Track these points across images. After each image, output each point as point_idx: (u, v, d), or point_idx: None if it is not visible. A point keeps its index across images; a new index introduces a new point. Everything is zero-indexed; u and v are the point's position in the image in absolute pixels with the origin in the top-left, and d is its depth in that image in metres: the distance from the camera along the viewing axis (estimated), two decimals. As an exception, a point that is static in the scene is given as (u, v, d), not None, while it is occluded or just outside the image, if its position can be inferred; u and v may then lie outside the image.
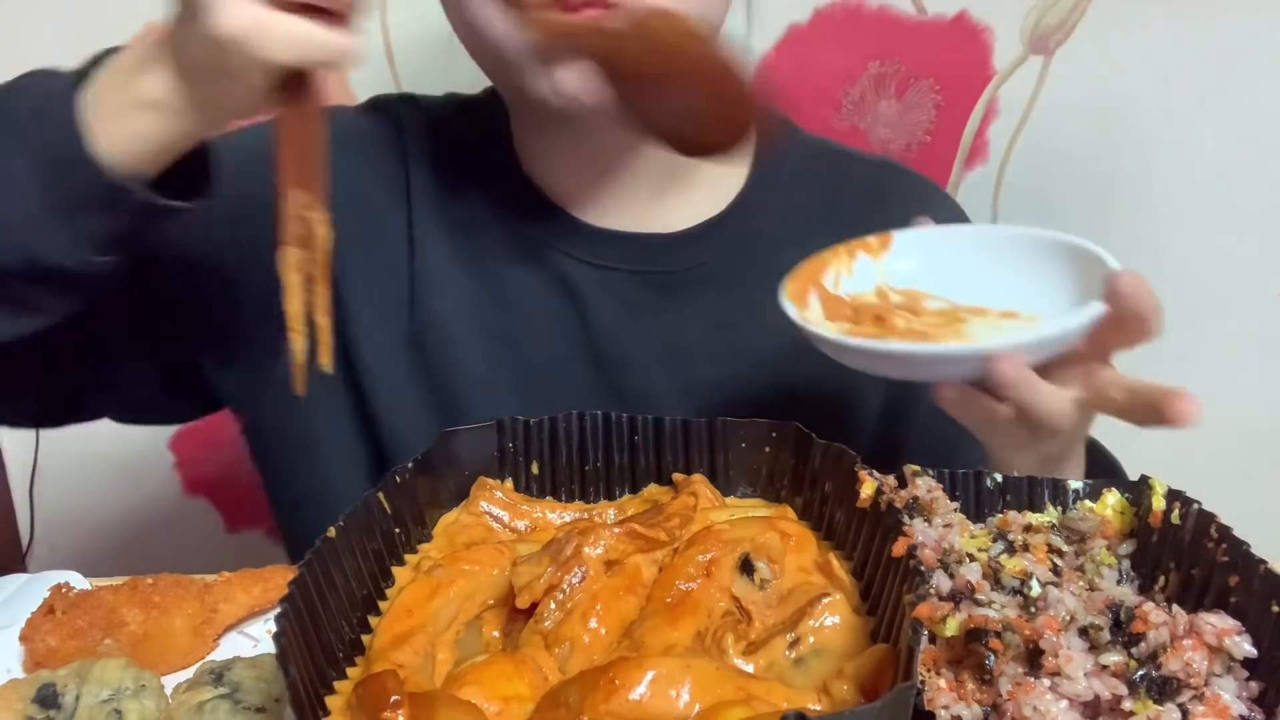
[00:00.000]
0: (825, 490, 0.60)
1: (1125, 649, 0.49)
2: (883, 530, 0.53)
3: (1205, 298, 1.27)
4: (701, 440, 0.64)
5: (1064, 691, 0.46)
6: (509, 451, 0.65)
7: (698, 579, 0.53)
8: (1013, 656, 0.48)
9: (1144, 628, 0.49)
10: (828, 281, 0.73)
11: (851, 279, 0.74)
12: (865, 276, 0.74)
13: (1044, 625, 0.48)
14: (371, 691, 0.45)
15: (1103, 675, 0.47)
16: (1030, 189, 1.33)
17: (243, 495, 1.44)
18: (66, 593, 0.68)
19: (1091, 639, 0.49)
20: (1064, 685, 0.46)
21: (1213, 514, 0.54)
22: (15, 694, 0.58)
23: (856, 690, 0.46)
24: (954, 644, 0.49)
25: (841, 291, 0.73)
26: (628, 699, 0.45)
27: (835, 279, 0.73)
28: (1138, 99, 1.26)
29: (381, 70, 1.24)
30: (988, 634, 0.48)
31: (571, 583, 0.52)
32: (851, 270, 0.74)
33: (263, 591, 0.70)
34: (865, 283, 0.74)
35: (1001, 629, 0.48)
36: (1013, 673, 0.47)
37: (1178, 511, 0.56)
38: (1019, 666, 0.48)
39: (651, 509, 0.60)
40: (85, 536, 1.45)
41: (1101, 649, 0.48)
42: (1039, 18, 1.26)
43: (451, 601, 0.55)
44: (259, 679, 0.60)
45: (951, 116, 1.31)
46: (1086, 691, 0.46)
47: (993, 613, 0.49)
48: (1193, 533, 0.54)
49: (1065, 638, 0.48)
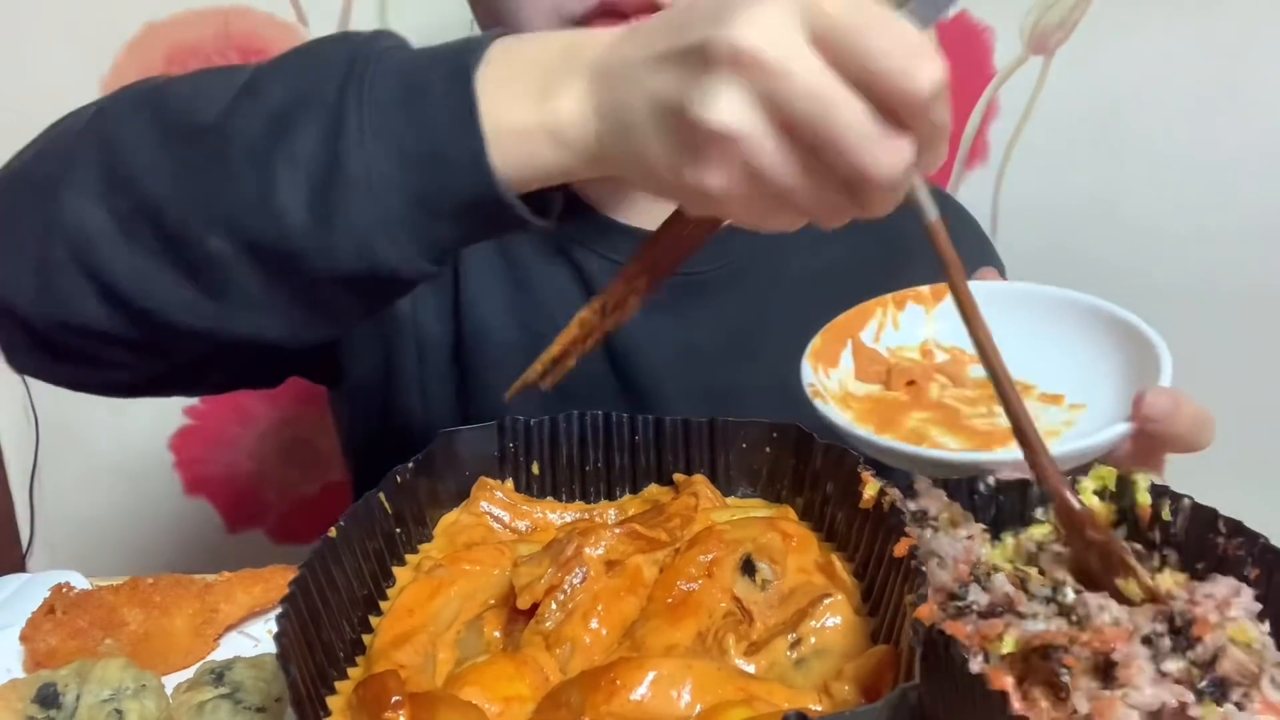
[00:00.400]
0: (827, 491, 0.60)
1: (1182, 653, 0.48)
2: (884, 531, 0.53)
3: (1205, 298, 1.27)
4: (702, 440, 0.64)
5: (1133, 702, 0.46)
6: (509, 451, 0.65)
7: (699, 579, 0.53)
8: (1082, 670, 0.47)
9: (1204, 631, 0.48)
10: (866, 335, 0.68)
11: (897, 332, 0.69)
12: (913, 329, 0.70)
13: (1113, 637, 0.47)
14: (372, 691, 0.45)
15: (1165, 683, 0.46)
16: (1030, 189, 1.33)
17: (243, 495, 1.44)
18: (67, 593, 0.68)
19: (1156, 647, 0.48)
20: (1132, 696, 0.46)
21: (1213, 509, 0.54)
22: (15, 694, 0.58)
23: (858, 690, 0.46)
24: (1013, 661, 0.48)
25: (882, 346, 0.69)
26: (629, 699, 0.45)
27: (877, 332, 0.69)
28: (1138, 99, 1.26)
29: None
30: (1060, 649, 0.47)
31: (572, 583, 0.52)
32: (898, 323, 0.70)
33: (263, 591, 0.70)
34: (912, 335, 0.69)
35: (1070, 643, 0.47)
36: (1087, 688, 0.47)
37: (1168, 507, 0.56)
38: (1091, 681, 0.47)
39: (652, 509, 0.60)
40: (85, 536, 1.45)
41: (1164, 656, 0.48)
42: (1039, 18, 1.26)
43: (452, 601, 0.55)
44: (259, 679, 0.60)
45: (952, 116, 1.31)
46: (1154, 700, 0.46)
47: (1042, 625, 0.49)
48: (1190, 528, 0.54)
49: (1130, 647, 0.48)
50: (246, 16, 1.21)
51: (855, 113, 0.46)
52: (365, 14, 1.23)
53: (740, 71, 0.46)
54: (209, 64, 1.21)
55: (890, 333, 0.70)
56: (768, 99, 0.46)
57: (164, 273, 0.59)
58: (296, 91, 0.56)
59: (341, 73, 0.55)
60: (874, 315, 0.70)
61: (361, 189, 0.54)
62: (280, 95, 0.56)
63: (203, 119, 0.58)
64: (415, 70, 0.55)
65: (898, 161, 0.47)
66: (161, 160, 0.58)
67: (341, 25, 1.23)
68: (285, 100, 0.56)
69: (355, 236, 0.55)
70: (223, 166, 0.56)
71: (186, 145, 0.58)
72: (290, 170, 0.55)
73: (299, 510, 1.46)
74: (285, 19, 1.21)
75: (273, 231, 0.56)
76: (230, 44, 1.21)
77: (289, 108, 0.56)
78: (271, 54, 0.60)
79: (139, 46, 1.21)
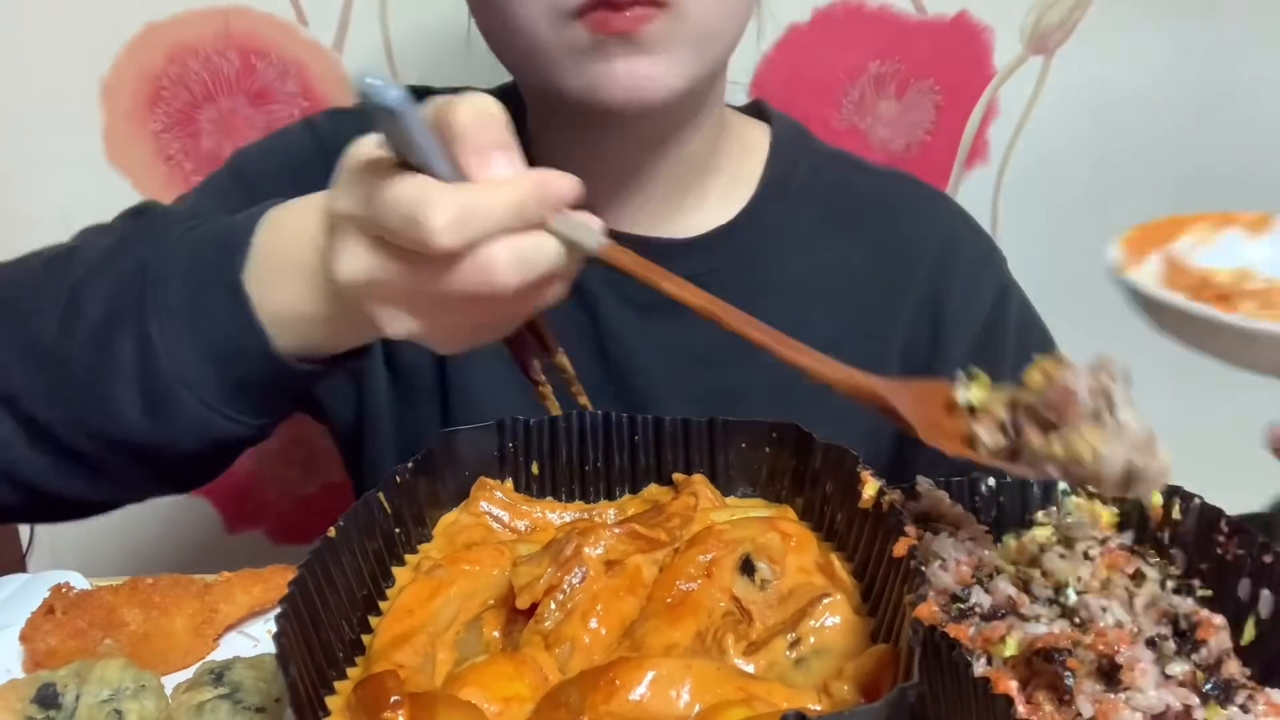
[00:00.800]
0: (826, 491, 0.60)
1: (1187, 656, 0.48)
2: (884, 531, 0.53)
3: (1205, 298, 1.27)
4: (701, 440, 0.64)
5: (1136, 705, 0.46)
6: (509, 451, 0.65)
7: (698, 579, 0.53)
8: (1085, 673, 0.47)
9: (1208, 634, 0.48)
10: (1180, 247, 0.65)
11: (1211, 250, 0.65)
12: (1228, 254, 0.65)
13: (1117, 639, 0.47)
14: (371, 691, 0.45)
15: (1170, 685, 0.46)
16: (1030, 189, 1.33)
17: (243, 495, 1.44)
18: (66, 593, 0.68)
19: (1161, 650, 0.48)
20: (1136, 699, 0.46)
21: (1219, 508, 0.54)
22: (15, 694, 0.58)
23: (857, 690, 0.46)
24: (1016, 664, 0.49)
25: (1196, 262, 0.64)
26: (628, 699, 0.45)
27: (1192, 246, 0.65)
28: (1138, 99, 1.26)
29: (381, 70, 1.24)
30: (1063, 652, 0.47)
31: (572, 583, 0.52)
32: (1214, 241, 0.66)
33: (263, 591, 0.70)
34: (1226, 260, 0.65)
35: (1073, 645, 0.47)
36: (1091, 690, 0.47)
37: (1178, 507, 0.55)
38: (1095, 684, 0.47)
39: (652, 509, 0.60)
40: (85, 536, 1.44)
41: (1168, 659, 0.48)
42: (1039, 18, 1.26)
43: (452, 602, 0.55)
44: (259, 679, 0.60)
45: (951, 116, 1.31)
46: (1158, 703, 0.46)
47: (1044, 628, 0.49)
48: (1196, 528, 0.54)
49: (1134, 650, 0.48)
50: (246, 16, 1.21)
51: None
52: (365, 14, 1.23)
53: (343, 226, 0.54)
54: (209, 64, 1.21)
55: (1204, 250, 0.65)
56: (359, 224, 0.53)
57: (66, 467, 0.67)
58: (109, 308, 0.64)
59: (138, 284, 0.63)
60: (1189, 229, 0.66)
61: (180, 387, 0.62)
62: (97, 312, 0.64)
63: (44, 337, 0.66)
64: (193, 271, 0.63)
65: None
66: (26, 378, 0.66)
67: (341, 25, 1.23)
68: (101, 318, 0.64)
69: (190, 425, 0.63)
70: (70, 383, 0.65)
71: (38, 364, 0.66)
72: (121, 383, 0.63)
73: (299, 510, 1.46)
74: (285, 19, 1.21)
75: (122, 434, 0.65)
76: (230, 44, 1.21)
77: (104, 327, 0.64)
78: (272, 54, 0.62)
79: (139, 46, 1.21)
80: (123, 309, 0.63)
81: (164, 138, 1.25)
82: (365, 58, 1.23)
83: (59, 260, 0.70)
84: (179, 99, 1.23)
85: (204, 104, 1.23)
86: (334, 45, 1.23)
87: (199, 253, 0.64)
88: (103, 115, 1.23)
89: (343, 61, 1.23)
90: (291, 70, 1.22)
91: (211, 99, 1.23)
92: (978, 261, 0.94)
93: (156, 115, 1.24)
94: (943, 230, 0.94)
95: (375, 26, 1.22)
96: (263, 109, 1.22)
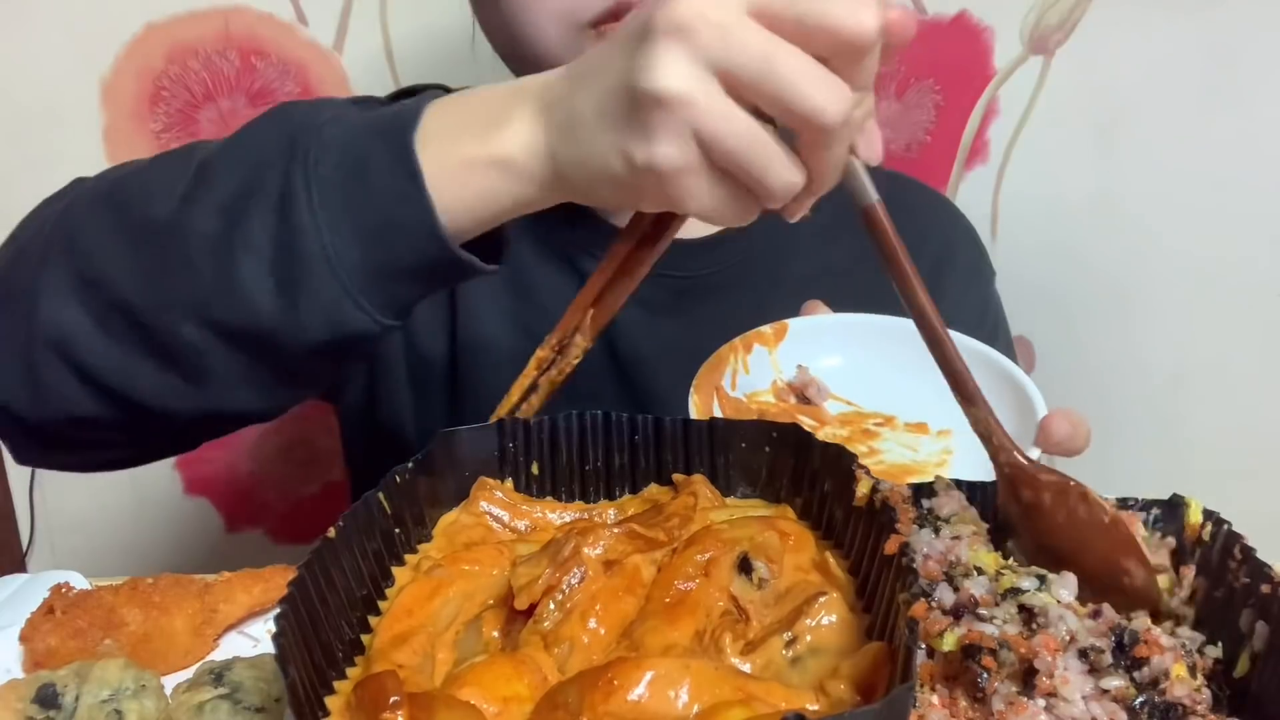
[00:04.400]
0: (825, 489, 0.60)
1: (1128, 673, 0.47)
2: (877, 528, 0.53)
3: (1204, 298, 1.27)
4: (701, 440, 0.64)
5: (1060, 714, 0.45)
6: (509, 451, 0.65)
7: (696, 579, 0.53)
8: (1007, 675, 0.47)
9: (1148, 652, 0.47)
10: (725, 383, 0.68)
11: (747, 376, 0.69)
12: (761, 372, 0.69)
13: (1041, 644, 0.47)
14: (371, 692, 0.45)
15: (1102, 699, 0.46)
16: (1030, 189, 1.33)
17: (243, 495, 1.44)
18: (66, 593, 0.68)
19: (1093, 661, 0.47)
20: (1060, 708, 0.45)
21: (1239, 534, 0.53)
22: (15, 694, 0.58)
23: (853, 689, 0.46)
24: (951, 659, 0.49)
25: (739, 392, 0.68)
26: (627, 699, 0.45)
27: (732, 378, 0.69)
28: (1138, 99, 1.26)
29: (381, 70, 1.24)
30: (982, 650, 0.47)
31: (570, 583, 0.52)
32: (747, 366, 0.70)
33: (263, 591, 0.70)
34: (761, 378, 0.69)
35: (998, 646, 0.47)
36: (1006, 692, 0.46)
37: (1209, 530, 0.55)
38: (1013, 686, 0.47)
39: (651, 509, 0.60)
40: (85, 536, 1.45)
41: (1103, 672, 0.47)
42: (1039, 18, 1.26)
43: (451, 602, 0.55)
44: (259, 679, 0.60)
45: (951, 116, 1.31)
46: (1084, 715, 0.45)
47: (992, 629, 0.48)
48: (1220, 553, 0.54)
49: (1064, 659, 0.47)
50: (246, 16, 1.21)
51: (797, 58, 0.47)
52: (365, 14, 1.23)
53: (682, 39, 0.47)
54: (209, 64, 1.22)
55: (742, 378, 0.70)
56: (710, 60, 0.47)
57: (144, 362, 0.62)
58: (244, 179, 0.59)
59: (285, 155, 0.58)
60: (728, 363, 0.69)
61: (321, 266, 0.57)
62: (230, 184, 0.59)
63: (159, 214, 0.60)
64: (355, 142, 0.58)
65: (841, 98, 0.48)
66: (126, 258, 0.61)
67: (341, 25, 1.23)
68: (235, 189, 0.59)
69: (322, 310, 0.58)
70: (185, 261, 0.59)
71: (147, 242, 0.61)
72: (250, 257, 0.57)
73: (299, 510, 1.47)
74: (285, 19, 1.21)
75: (242, 317, 0.59)
76: (230, 44, 1.22)
77: (239, 197, 0.58)
78: (272, 54, 0.62)
79: (139, 46, 1.21)
80: (263, 181, 0.58)
81: (164, 138, 1.25)
82: (365, 58, 1.23)
83: (174, 152, 0.66)
84: (179, 99, 1.23)
85: (204, 104, 1.24)
86: (334, 45, 1.23)
87: (362, 127, 0.59)
88: (103, 115, 1.23)
89: (343, 62, 1.23)
90: (291, 70, 1.22)
91: (211, 99, 1.23)
92: (970, 271, 0.95)
93: (157, 115, 1.24)
94: (941, 236, 0.94)
95: (375, 27, 1.22)
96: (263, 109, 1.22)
